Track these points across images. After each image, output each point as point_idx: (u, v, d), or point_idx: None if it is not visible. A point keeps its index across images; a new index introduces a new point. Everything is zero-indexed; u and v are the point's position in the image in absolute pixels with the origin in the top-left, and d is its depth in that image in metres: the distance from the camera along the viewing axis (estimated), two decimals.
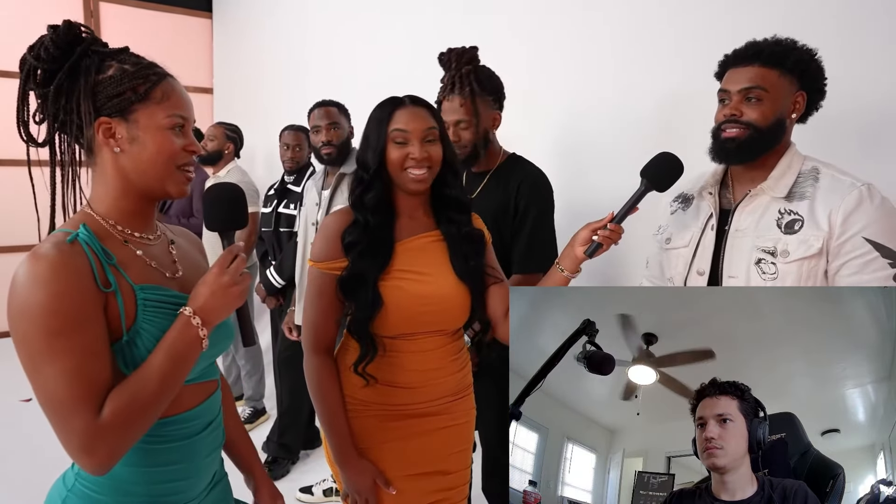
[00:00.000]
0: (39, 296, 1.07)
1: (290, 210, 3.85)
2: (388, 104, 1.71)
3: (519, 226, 2.34)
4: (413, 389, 1.75)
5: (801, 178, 1.66)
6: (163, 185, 1.26)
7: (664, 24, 2.73)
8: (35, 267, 1.09)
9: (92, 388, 1.09)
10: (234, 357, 4.54)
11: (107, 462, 1.10)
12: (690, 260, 1.80)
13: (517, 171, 2.39)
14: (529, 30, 3.39)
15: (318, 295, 1.73)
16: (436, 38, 2.61)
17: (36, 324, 1.07)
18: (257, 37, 6.32)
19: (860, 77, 2.09)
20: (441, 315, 1.74)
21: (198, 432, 1.33)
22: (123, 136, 1.21)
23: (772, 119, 1.63)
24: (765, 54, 1.65)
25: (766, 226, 1.65)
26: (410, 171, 1.67)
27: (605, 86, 3.01)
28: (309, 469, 3.76)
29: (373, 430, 1.76)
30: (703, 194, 1.84)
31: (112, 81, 1.20)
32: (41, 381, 1.08)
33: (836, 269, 1.56)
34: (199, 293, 1.23)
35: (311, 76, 5.35)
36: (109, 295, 1.16)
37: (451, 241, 1.77)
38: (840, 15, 2.16)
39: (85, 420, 1.07)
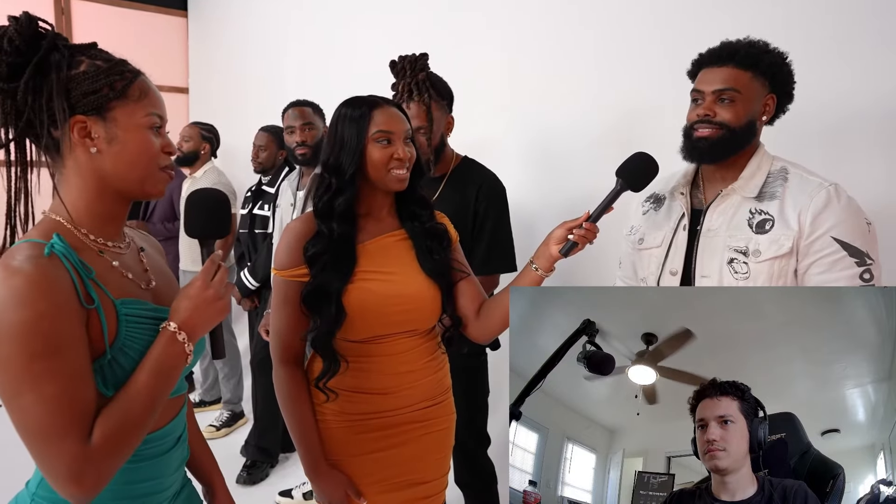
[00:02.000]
0: (18, 315, 0.99)
1: (264, 211, 3.82)
2: (363, 104, 1.67)
3: (480, 229, 2.42)
4: (387, 395, 1.72)
5: (771, 178, 1.69)
6: (142, 186, 1.19)
7: (640, 29, 2.76)
8: (11, 283, 1.00)
9: (79, 413, 1.03)
10: (211, 359, 4.49)
11: (95, 489, 1.04)
12: (663, 260, 1.82)
13: (473, 176, 2.45)
14: (505, 33, 3.40)
15: (283, 303, 1.70)
16: (413, 40, 2.62)
17: (15, 347, 0.99)
18: (233, 35, 6.26)
19: (821, 78, 2.14)
20: (411, 314, 1.71)
21: (168, 449, 1.27)
22: (101, 136, 1.13)
23: (744, 120, 1.67)
24: (739, 56, 1.68)
25: (737, 225, 1.67)
26: (394, 171, 1.66)
27: (580, 89, 3.03)
28: (288, 472, 3.72)
29: (346, 442, 1.73)
30: (674, 194, 1.86)
31: (86, 77, 1.12)
32: (22, 409, 1.00)
33: (806, 267, 1.59)
34: (183, 307, 1.17)
35: (289, 75, 5.31)
36: (91, 311, 1.08)
37: (416, 238, 1.76)
38: (805, 19, 2.23)
39: (72, 447, 1.01)
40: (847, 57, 2.09)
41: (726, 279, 1.66)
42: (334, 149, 1.67)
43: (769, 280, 1.60)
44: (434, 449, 1.82)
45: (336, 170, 1.66)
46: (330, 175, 1.67)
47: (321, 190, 1.69)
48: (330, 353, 1.66)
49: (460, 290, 1.79)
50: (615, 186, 1.65)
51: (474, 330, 1.77)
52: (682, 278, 1.76)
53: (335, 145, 1.67)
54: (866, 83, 2.07)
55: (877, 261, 1.58)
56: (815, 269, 1.58)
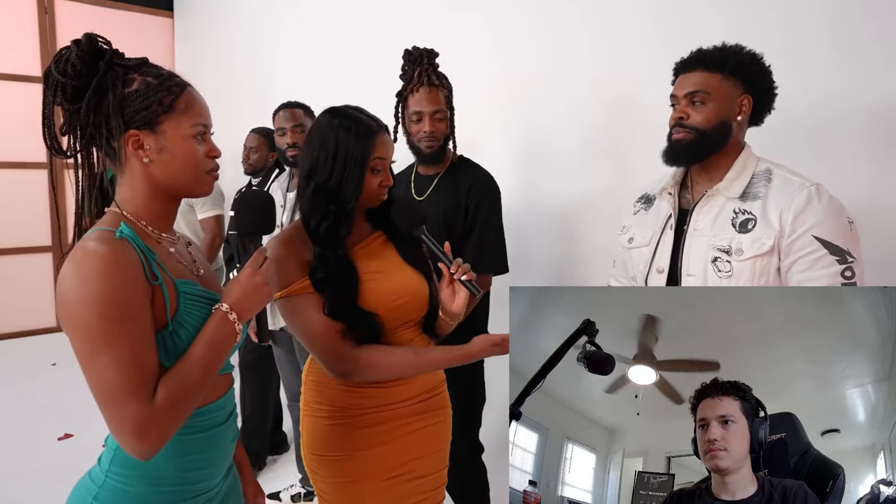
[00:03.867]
0: (99, 286, 1.12)
1: None
2: (366, 131, 1.65)
3: (470, 227, 2.43)
4: (391, 388, 1.74)
5: (756, 178, 1.72)
6: (191, 188, 1.34)
7: (624, 30, 2.78)
8: (90, 261, 1.14)
9: (145, 376, 1.15)
10: None
11: (157, 446, 1.15)
12: (651, 258, 1.86)
13: (467, 173, 2.46)
14: (490, 32, 3.42)
15: (308, 317, 1.64)
16: (400, 40, 2.62)
17: (95, 312, 1.12)
18: (220, 36, 6.23)
19: (807, 80, 2.18)
20: (410, 305, 1.75)
21: (222, 422, 1.40)
22: (152, 147, 1.27)
23: (715, 121, 1.71)
24: (706, 59, 1.74)
25: (721, 225, 1.71)
26: (380, 196, 1.72)
27: (564, 88, 3.05)
28: (276, 475, 3.70)
29: (346, 438, 1.74)
30: (663, 195, 1.90)
31: (138, 95, 1.25)
32: (97, 369, 1.13)
33: (788, 266, 1.62)
34: (234, 291, 1.31)
35: (277, 76, 5.29)
36: (156, 287, 1.22)
37: (396, 237, 1.81)
38: (790, 20, 2.25)
39: (139, 406, 1.13)
40: (842, 58, 2.11)
41: (710, 277, 1.69)
42: (335, 169, 1.63)
43: (752, 278, 1.63)
44: (433, 442, 1.85)
45: (335, 197, 1.64)
46: (328, 201, 1.65)
47: (319, 215, 1.65)
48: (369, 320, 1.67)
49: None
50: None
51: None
52: (669, 276, 1.80)
53: (336, 165, 1.63)
54: (857, 84, 2.09)
55: (859, 259, 1.60)
56: (796, 268, 1.60)
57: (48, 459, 3.90)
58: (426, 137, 2.38)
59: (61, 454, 3.96)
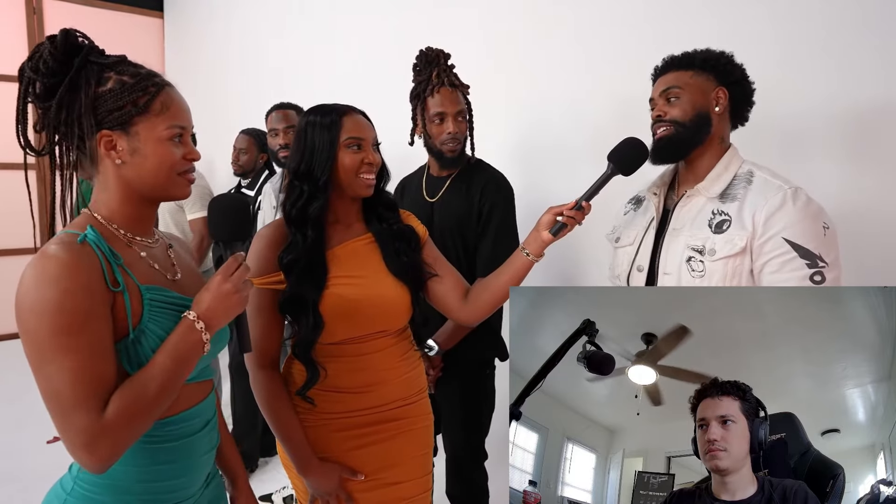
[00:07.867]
0: (49, 293, 1.08)
1: None
2: (332, 111, 1.71)
3: (483, 229, 2.39)
4: (360, 394, 1.74)
5: (737, 180, 1.73)
6: (166, 191, 1.29)
7: (624, 28, 2.78)
8: (45, 265, 1.10)
9: (96, 387, 1.10)
10: None
11: (107, 460, 1.10)
12: (633, 257, 1.87)
13: (480, 175, 2.43)
14: (487, 31, 3.41)
15: (257, 312, 1.69)
16: (392, 40, 2.60)
17: (44, 321, 1.08)
18: (211, 37, 6.21)
19: (792, 83, 2.20)
20: (382, 316, 1.74)
21: (196, 431, 1.34)
22: (125, 149, 1.23)
23: (692, 113, 1.74)
24: (677, 61, 1.81)
25: (698, 225, 1.72)
26: (363, 175, 1.70)
27: (565, 89, 3.04)
28: (268, 477, 3.69)
29: (325, 442, 1.74)
30: (649, 195, 1.92)
31: (112, 95, 1.21)
32: (46, 378, 1.09)
33: (760, 267, 1.62)
34: (203, 298, 1.25)
35: (267, 77, 5.28)
36: (117, 294, 1.18)
37: (383, 240, 1.79)
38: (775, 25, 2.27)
39: (87, 418, 1.08)
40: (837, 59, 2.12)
41: (684, 277, 1.70)
42: (305, 155, 1.69)
43: (723, 279, 1.64)
44: (410, 448, 1.83)
45: (308, 176, 1.69)
46: (301, 182, 1.69)
47: (293, 197, 1.71)
48: (311, 361, 1.68)
49: (439, 282, 1.83)
50: (605, 171, 1.70)
51: (463, 314, 1.83)
52: (648, 275, 1.81)
53: (305, 152, 1.69)
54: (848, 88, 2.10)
55: (833, 264, 1.58)
56: (767, 269, 1.60)
57: (27, 463, 3.86)
58: (450, 139, 2.35)
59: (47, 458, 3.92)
